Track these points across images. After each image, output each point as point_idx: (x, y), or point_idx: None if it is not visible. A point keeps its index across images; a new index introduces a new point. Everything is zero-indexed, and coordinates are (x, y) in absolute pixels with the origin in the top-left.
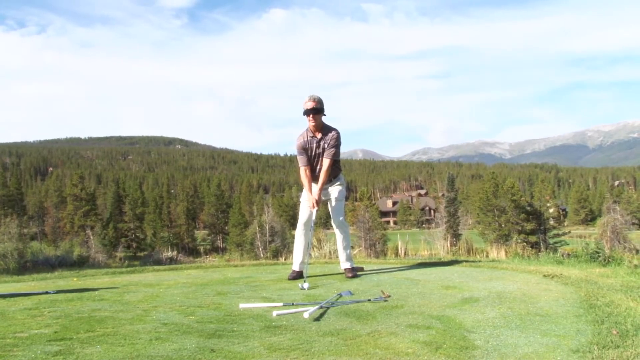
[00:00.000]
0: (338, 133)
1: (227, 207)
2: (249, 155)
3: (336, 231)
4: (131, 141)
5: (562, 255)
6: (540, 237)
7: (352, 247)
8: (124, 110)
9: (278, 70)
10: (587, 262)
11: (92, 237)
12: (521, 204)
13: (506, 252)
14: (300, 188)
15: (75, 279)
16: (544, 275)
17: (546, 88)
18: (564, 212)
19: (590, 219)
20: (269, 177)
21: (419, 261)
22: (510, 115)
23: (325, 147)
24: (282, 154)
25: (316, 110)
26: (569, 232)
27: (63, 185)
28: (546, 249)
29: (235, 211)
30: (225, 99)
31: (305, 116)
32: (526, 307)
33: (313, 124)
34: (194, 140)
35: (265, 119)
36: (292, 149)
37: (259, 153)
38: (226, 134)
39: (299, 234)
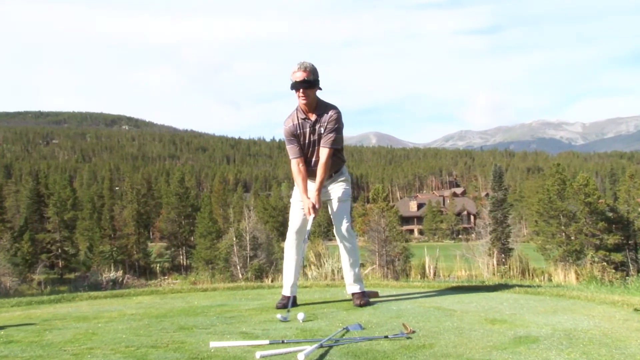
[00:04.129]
0: (338, 113)
1: (194, 211)
2: (222, 139)
3: (340, 243)
4: (57, 119)
5: None
6: (628, 256)
7: (363, 265)
8: (46, 76)
9: (261, 25)
10: None
11: None
12: (599, 208)
13: (577, 274)
14: (292, 184)
15: None
16: (636, 309)
17: (638, 45)
18: None
19: None
20: (250, 169)
21: (454, 285)
22: (584, 84)
23: (322, 132)
24: (267, 139)
25: (308, 84)
26: None
27: None
28: (638, 272)
29: (204, 216)
30: (189, 63)
31: (294, 91)
32: (610, 353)
33: (304, 101)
34: (146, 119)
35: (244, 90)
36: (280, 132)
37: (236, 137)
38: (191, 111)
39: (290, 247)
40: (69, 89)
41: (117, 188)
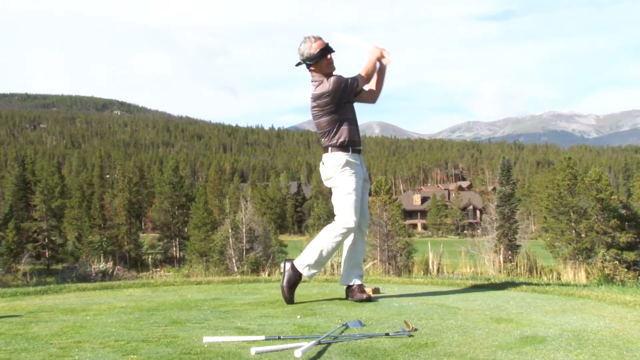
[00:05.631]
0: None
1: (188, 201)
2: (219, 127)
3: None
4: (45, 102)
5: None
6: None
7: (364, 260)
8: (34, 56)
9: (261, 9)
10: None
11: None
12: (612, 204)
13: (588, 273)
14: (291, 175)
15: None
16: None
17: None
18: None
19: None
20: (247, 158)
21: (458, 282)
22: (599, 74)
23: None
24: (266, 127)
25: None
26: None
27: None
28: None
29: (198, 206)
30: (185, 47)
31: (321, 58)
32: (620, 355)
33: (334, 68)
34: (139, 105)
35: (242, 76)
36: (280, 121)
37: (233, 125)
38: (187, 97)
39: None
40: (58, 71)
41: (107, 176)
